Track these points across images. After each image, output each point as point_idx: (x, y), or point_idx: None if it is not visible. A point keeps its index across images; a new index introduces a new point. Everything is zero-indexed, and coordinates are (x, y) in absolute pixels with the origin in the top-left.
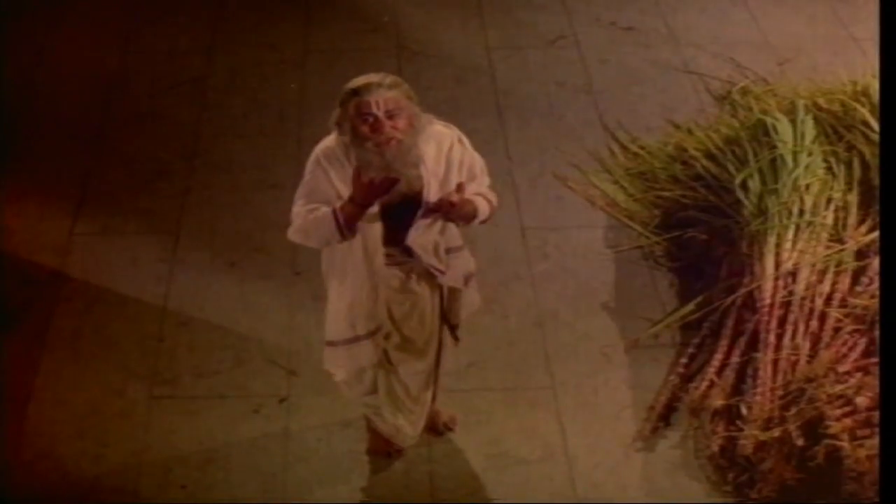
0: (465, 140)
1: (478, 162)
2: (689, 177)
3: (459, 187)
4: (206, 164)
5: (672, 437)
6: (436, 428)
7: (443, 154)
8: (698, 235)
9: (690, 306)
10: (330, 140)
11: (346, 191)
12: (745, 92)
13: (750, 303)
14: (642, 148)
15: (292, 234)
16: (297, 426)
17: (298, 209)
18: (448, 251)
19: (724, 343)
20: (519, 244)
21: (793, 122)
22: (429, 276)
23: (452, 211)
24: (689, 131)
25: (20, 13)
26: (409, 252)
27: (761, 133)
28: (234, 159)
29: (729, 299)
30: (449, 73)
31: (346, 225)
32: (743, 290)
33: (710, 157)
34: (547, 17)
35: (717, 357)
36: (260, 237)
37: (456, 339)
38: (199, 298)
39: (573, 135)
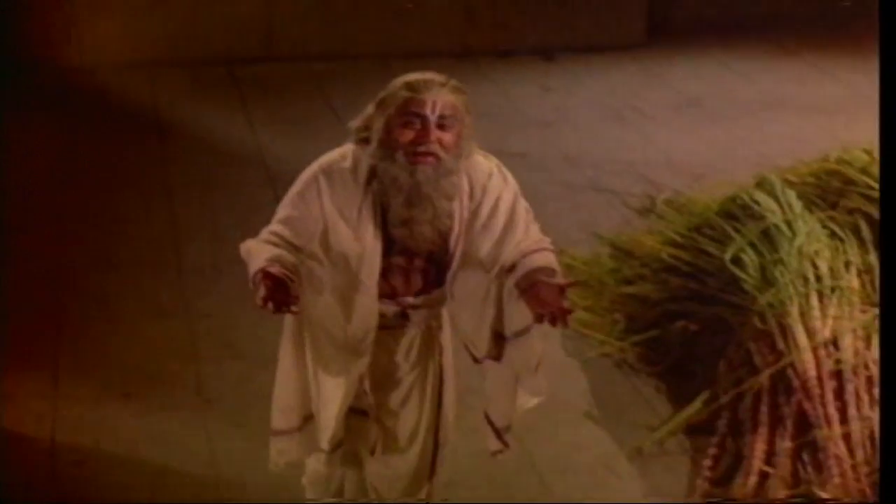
0: (508, 175)
1: (522, 203)
2: (654, 271)
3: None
4: (80, 297)
5: None
6: None
7: (477, 187)
8: (690, 326)
9: (697, 404)
10: (338, 151)
11: (338, 218)
12: (669, 202)
13: (781, 384)
14: (574, 259)
15: (241, 248)
16: None
17: (269, 227)
18: (505, 338)
19: (762, 431)
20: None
21: (770, 194)
22: (426, 347)
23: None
24: (619, 243)
25: None
26: (406, 315)
27: (738, 209)
28: (109, 290)
29: (753, 384)
30: None
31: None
32: (769, 370)
33: (676, 245)
34: None
35: (760, 447)
36: (155, 366)
37: (504, 444)
38: (92, 433)
39: None
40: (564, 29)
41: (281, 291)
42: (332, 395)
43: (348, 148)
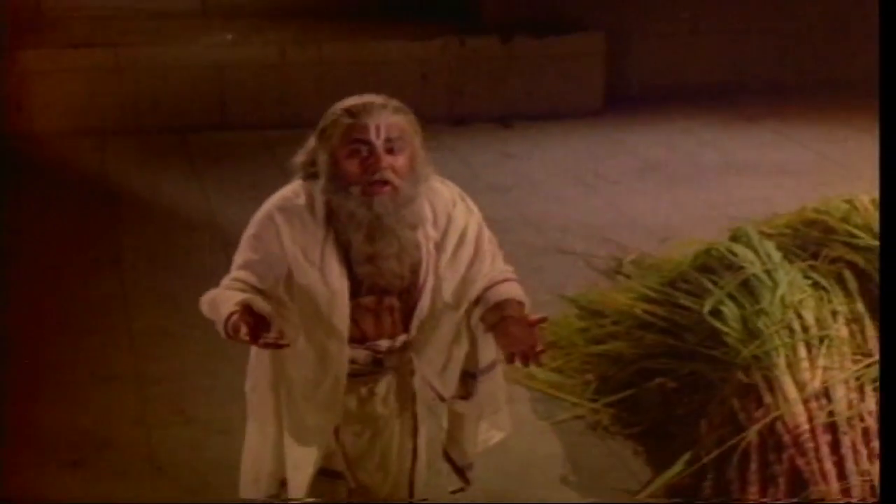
0: (472, 203)
1: (486, 233)
2: (627, 328)
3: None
4: (27, 363)
5: None
6: None
7: (441, 216)
8: (667, 384)
9: (678, 466)
10: (290, 189)
11: (302, 259)
12: (637, 262)
13: (771, 440)
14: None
15: (201, 302)
16: None
17: (229, 275)
18: (472, 375)
19: (752, 491)
20: None
21: (748, 246)
22: (401, 393)
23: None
24: (586, 303)
25: None
26: (379, 360)
27: (714, 262)
28: (58, 356)
29: (741, 441)
30: None
31: (230, 337)
32: (757, 426)
33: (650, 301)
34: None
35: None
36: (105, 433)
37: (466, 482)
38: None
39: None
40: (522, 97)
41: (263, 326)
42: (305, 457)
43: (298, 185)
